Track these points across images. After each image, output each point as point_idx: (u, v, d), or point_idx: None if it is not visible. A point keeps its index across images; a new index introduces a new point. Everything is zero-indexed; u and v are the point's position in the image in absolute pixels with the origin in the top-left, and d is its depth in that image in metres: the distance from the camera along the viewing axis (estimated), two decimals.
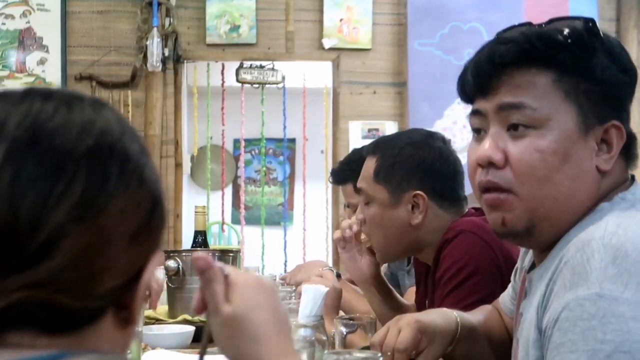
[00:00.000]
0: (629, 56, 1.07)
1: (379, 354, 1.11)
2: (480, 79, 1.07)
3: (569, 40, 1.01)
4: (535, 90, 1.02)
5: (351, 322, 1.44)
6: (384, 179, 1.78)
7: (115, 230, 0.63)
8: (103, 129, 0.65)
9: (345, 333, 1.41)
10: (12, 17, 4.42)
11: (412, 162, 1.76)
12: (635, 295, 0.86)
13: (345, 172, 2.61)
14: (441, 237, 1.71)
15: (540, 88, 1.02)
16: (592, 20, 1.04)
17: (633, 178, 1.08)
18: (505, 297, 1.39)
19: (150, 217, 0.67)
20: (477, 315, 1.40)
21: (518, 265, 1.30)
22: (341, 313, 1.94)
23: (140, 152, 0.68)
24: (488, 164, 1.04)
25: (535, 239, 1.06)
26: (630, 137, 1.06)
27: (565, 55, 1.01)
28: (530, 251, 1.17)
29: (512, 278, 1.35)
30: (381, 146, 1.84)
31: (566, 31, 1.02)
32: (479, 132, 1.09)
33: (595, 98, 1.01)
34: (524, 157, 1.01)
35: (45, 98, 0.65)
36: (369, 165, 1.82)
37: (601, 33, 1.04)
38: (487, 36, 4.40)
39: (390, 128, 4.50)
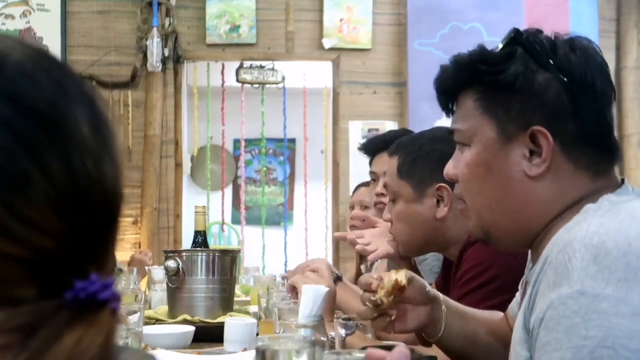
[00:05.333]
0: (570, 55, 1.05)
1: None
2: (440, 105, 1.21)
3: (471, 59, 1.10)
4: (463, 112, 1.14)
5: (350, 323, 1.44)
6: (407, 174, 1.80)
7: None
8: None
9: (344, 336, 1.41)
10: (12, 17, 4.42)
11: (433, 156, 1.77)
12: (616, 292, 0.87)
13: (379, 143, 2.57)
14: (466, 236, 1.71)
15: (466, 109, 1.12)
16: (514, 30, 1.08)
17: (623, 181, 1.08)
18: (513, 304, 1.40)
19: None
20: (482, 312, 1.42)
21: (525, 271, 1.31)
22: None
23: None
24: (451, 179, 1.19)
25: (501, 245, 1.16)
26: (591, 138, 1.04)
27: (473, 73, 1.09)
28: None
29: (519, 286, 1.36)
30: (402, 145, 1.87)
31: (471, 51, 1.11)
32: None
33: (514, 106, 1.05)
34: (458, 171, 1.15)
35: None
36: (392, 164, 1.84)
37: (528, 37, 1.06)
38: (487, 36, 4.41)
39: (390, 128, 4.49)
